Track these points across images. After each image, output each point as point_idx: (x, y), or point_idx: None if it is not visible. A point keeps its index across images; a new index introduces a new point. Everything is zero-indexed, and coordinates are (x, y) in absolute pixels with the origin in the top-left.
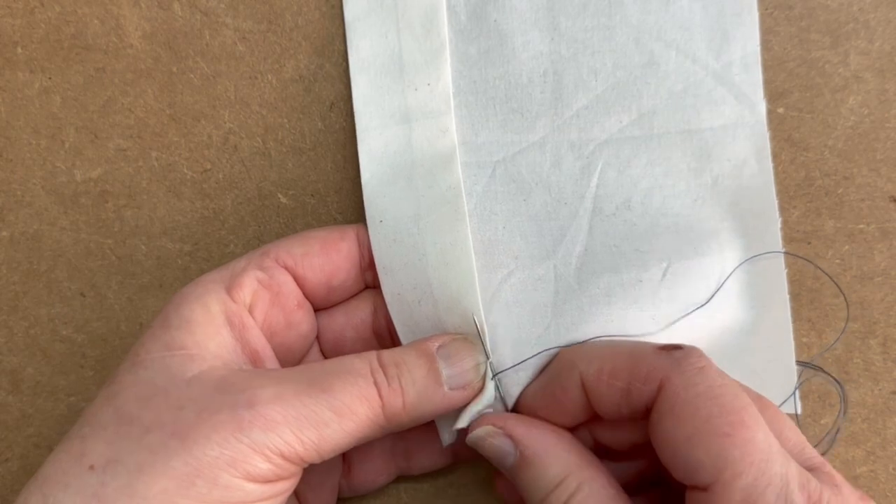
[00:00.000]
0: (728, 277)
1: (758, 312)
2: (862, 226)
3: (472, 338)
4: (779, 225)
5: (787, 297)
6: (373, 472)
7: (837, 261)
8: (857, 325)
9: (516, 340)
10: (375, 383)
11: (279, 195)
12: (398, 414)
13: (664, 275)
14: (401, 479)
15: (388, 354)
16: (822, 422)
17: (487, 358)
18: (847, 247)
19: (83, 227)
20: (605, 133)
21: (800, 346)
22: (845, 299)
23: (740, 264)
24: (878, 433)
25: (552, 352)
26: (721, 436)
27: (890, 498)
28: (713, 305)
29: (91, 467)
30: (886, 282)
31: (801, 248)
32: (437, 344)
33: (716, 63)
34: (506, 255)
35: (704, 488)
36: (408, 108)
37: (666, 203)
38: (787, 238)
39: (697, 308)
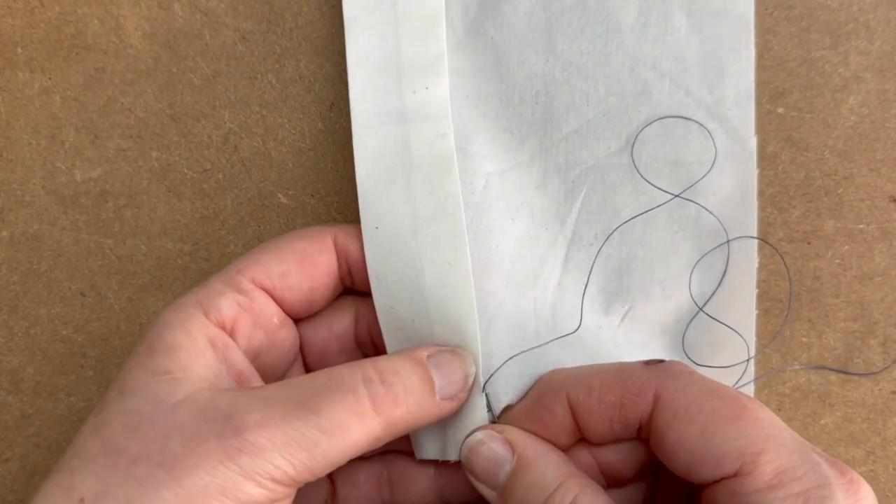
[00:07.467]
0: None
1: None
2: (862, 226)
3: (460, 350)
4: (756, 264)
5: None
6: (358, 499)
7: (837, 261)
8: (857, 325)
9: (509, 373)
10: (370, 395)
11: (279, 195)
12: (396, 423)
13: (623, 319)
14: None
15: (382, 363)
16: (822, 422)
17: (485, 392)
18: (847, 247)
19: (83, 227)
20: (593, 158)
21: (799, 346)
22: (789, 276)
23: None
24: (878, 433)
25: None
26: (732, 420)
27: (890, 498)
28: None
29: (81, 500)
30: (886, 282)
31: (800, 248)
32: (426, 353)
33: (709, 97)
34: (498, 280)
35: (733, 474)
36: (405, 109)
37: (646, 234)
38: (787, 238)
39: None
